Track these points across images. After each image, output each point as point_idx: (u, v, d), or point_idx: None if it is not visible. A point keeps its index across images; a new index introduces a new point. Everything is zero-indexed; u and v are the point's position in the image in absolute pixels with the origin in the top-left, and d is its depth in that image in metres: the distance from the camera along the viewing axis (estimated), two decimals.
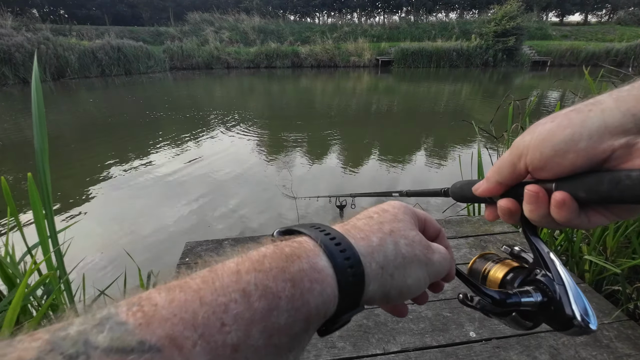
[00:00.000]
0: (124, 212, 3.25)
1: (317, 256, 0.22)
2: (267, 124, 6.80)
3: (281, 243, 0.23)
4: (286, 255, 0.22)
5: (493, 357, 1.02)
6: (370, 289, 0.24)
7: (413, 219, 0.30)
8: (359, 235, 0.26)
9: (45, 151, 0.77)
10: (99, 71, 15.52)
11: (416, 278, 0.26)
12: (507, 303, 0.27)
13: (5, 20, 15.13)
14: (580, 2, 29.36)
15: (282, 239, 0.24)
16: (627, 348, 1.04)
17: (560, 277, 0.27)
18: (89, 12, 26.82)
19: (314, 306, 0.21)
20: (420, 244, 0.27)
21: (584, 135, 0.23)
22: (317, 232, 0.25)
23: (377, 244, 0.25)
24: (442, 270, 0.29)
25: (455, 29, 22.20)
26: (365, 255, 0.24)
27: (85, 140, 5.82)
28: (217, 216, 3.10)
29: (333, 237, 0.24)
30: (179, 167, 4.32)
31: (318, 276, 0.21)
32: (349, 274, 0.23)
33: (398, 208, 0.30)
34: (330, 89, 12.38)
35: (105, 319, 0.16)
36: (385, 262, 0.25)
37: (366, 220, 0.28)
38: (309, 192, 3.51)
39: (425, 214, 0.32)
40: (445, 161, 4.48)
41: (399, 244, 0.26)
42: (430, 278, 0.28)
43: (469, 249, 1.57)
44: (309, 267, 0.21)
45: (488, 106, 8.08)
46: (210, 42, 19.93)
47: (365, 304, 0.25)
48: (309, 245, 0.23)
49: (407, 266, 0.26)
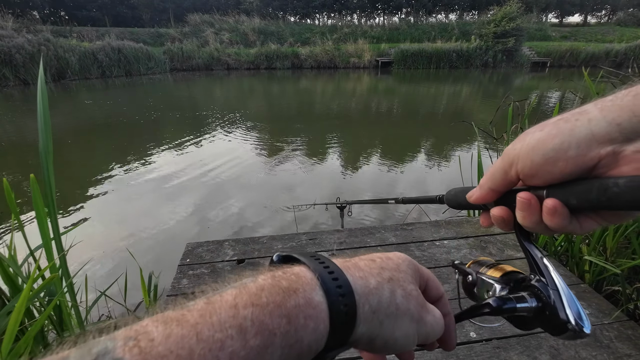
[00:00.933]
0: (124, 213, 3.25)
1: (313, 290, 0.22)
2: (267, 125, 6.82)
3: (279, 274, 0.23)
4: (283, 289, 0.21)
5: (493, 357, 1.02)
6: (358, 331, 0.24)
7: (415, 275, 0.29)
8: (357, 274, 0.25)
9: (49, 153, 0.77)
10: (100, 72, 15.54)
11: (404, 333, 0.25)
12: (503, 309, 0.28)
13: (6, 22, 15.15)
14: (579, 3, 29.42)
15: (281, 268, 0.24)
16: (627, 348, 1.05)
17: (554, 282, 0.27)
18: (90, 14, 26.87)
19: (307, 343, 0.21)
20: (417, 300, 0.27)
21: (573, 144, 0.23)
22: (317, 263, 0.25)
23: (374, 287, 0.25)
24: (432, 334, 0.28)
25: (455, 30, 22.23)
26: (360, 295, 0.24)
27: (85, 141, 5.83)
28: (217, 217, 3.11)
29: (332, 270, 0.24)
30: (179, 168, 4.32)
31: (313, 312, 0.21)
32: (343, 311, 0.22)
33: (403, 260, 0.29)
34: (330, 90, 12.39)
35: (101, 355, 0.16)
36: (378, 307, 0.24)
37: (368, 262, 0.27)
38: (308, 194, 3.52)
39: (429, 274, 0.31)
40: (446, 162, 4.49)
41: (395, 293, 0.26)
42: (419, 338, 0.27)
43: (469, 249, 1.57)
44: (305, 303, 0.21)
45: (488, 107, 8.09)
46: (211, 43, 19.97)
47: (350, 346, 0.25)
48: (306, 278, 0.23)
49: (399, 318, 0.25)
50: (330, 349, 0.23)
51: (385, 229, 1.75)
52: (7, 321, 0.83)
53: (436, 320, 0.28)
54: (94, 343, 0.16)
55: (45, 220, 0.80)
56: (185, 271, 1.47)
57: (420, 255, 1.53)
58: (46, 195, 0.82)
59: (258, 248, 1.62)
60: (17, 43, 12.89)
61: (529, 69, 18.62)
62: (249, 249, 1.62)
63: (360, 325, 0.23)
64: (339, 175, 4.15)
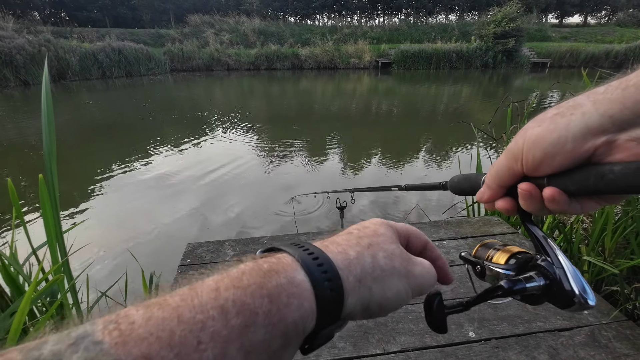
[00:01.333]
0: (124, 213, 3.26)
1: (294, 270, 0.23)
2: (266, 125, 6.83)
3: (260, 260, 0.23)
4: (264, 271, 0.22)
5: (492, 357, 1.03)
6: (349, 302, 0.24)
7: (394, 234, 0.30)
8: (336, 250, 0.26)
9: (53, 154, 0.78)
10: (100, 73, 15.56)
11: (396, 290, 0.26)
12: (514, 290, 0.29)
13: (6, 23, 15.18)
14: (579, 4, 29.42)
15: (263, 256, 0.25)
16: (625, 348, 1.05)
17: (558, 260, 0.29)
18: (90, 15, 26.92)
19: (292, 321, 0.21)
20: (400, 257, 0.28)
21: (569, 138, 0.25)
22: (296, 248, 0.25)
23: (354, 257, 0.26)
24: (424, 283, 0.29)
25: (455, 31, 22.26)
26: (342, 269, 0.24)
27: (86, 141, 5.84)
28: (217, 217, 3.12)
29: (311, 252, 0.25)
30: (179, 168, 4.33)
31: (296, 290, 0.22)
32: (327, 287, 0.23)
33: (379, 224, 0.30)
34: (330, 91, 12.41)
35: (80, 338, 0.15)
36: (363, 275, 0.25)
37: (345, 236, 0.28)
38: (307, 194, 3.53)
39: (408, 228, 0.32)
40: (445, 162, 4.50)
41: (377, 257, 0.26)
42: (412, 291, 0.28)
43: (468, 249, 1.58)
44: (287, 282, 0.22)
45: (488, 107, 8.10)
46: (211, 44, 20.00)
47: (347, 318, 0.25)
48: (287, 261, 0.23)
49: (386, 279, 0.26)
50: (324, 326, 0.23)
51: None
52: (11, 322, 0.84)
53: (426, 269, 0.29)
54: (74, 328, 0.16)
55: (52, 221, 0.81)
56: (185, 271, 1.48)
57: None
58: (50, 196, 0.83)
59: (258, 248, 1.62)
60: (17, 44, 12.92)
61: (529, 70, 18.63)
62: (249, 249, 1.62)
63: (349, 297, 0.24)
64: (339, 175, 4.16)
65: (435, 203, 3.25)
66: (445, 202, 3.16)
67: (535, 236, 0.31)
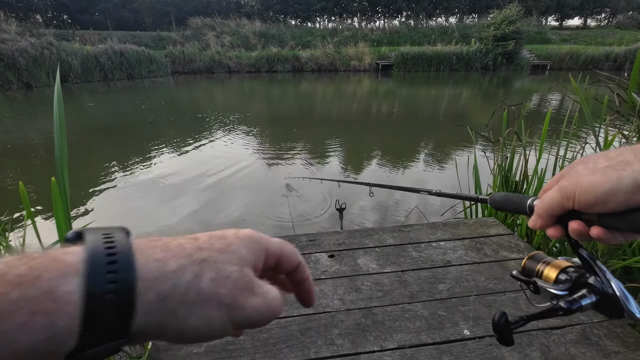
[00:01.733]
0: (124, 213, 3.30)
1: (65, 277, 0.18)
2: (266, 126, 6.87)
3: (28, 257, 0.19)
4: (16, 276, 0.17)
5: (486, 354, 1.06)
6: (139, 322, 0.20)
7: (253, 255, 0.25)
8: (156, 256, 0.22)
9: (64, 157, 0.82)
10: (102, 75, 15.67)
11: (206, 320, 0.22)
12: (572, 310, 0.34)
13: (9, 26, 15.29)
14: (579, 6, 29.53)
15: (65, 245, 0.21)
16: (615, 345, 1.08)
17: (607, 279, 0.34)
18: (92, 18, 27.12)
19: (27, 344, 0.17)
20: (234, 283, 0.23)
21: (621, 190, 0.30)
22: (101, 242, 0.21)
23: (171, 271, 0.22)
24: (255, 318, 0.24)
25: (455, 33, 22.37)
26: (145, 281, 0.20)
27: (87, 142, 5.89)
28: (217, 218, 3.15)
29: (115, 252, 0.20)
30: (179, 169, 4.37)
31: (50, 306, 0.17)
32: (109, 300, 0.19)
33: (240, 239, 0.26)
34: (330, 93, 12.47)
35: None
36: (170, 294, 0.21)
37: (187, 241, 0.24)
38: (307, 195, 3.56)
39: (283, 248, 0.28)
40: (445, 165, 4.53)
41: (201, 277, 0.22)
42: (233, 323, 0.23)
43: (464, 250, 1.61)
44: (41, 294, 0.17)
45: (487, 109, 8.14)
46: (212, 46, 20.12)
47: (135, 338, 0.21)
48: (63, 262, 0.19)
49: (198, 305, 0.22)
50: (91, 346, 0.19)
51: (383, 231, 1.79)
52: None
53: (266, 301, 0.25)
54: None
55: (64, 223, 0.84)
56: None
57: (417, 256, 1.57)
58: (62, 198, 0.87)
59: None
60: (20, 46, 13.02)
61: (529, 72, 18.69)
62: None
63: (142, 316, 0.20)
64: (339, 175, 4.19)
65: (435, 205, 3.28)
66: (444, 204, 3.20)
67: (584, 258, 0.36)
